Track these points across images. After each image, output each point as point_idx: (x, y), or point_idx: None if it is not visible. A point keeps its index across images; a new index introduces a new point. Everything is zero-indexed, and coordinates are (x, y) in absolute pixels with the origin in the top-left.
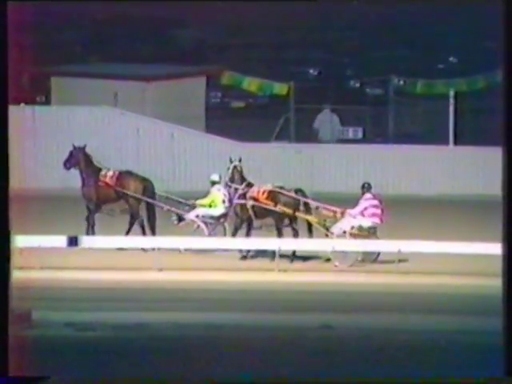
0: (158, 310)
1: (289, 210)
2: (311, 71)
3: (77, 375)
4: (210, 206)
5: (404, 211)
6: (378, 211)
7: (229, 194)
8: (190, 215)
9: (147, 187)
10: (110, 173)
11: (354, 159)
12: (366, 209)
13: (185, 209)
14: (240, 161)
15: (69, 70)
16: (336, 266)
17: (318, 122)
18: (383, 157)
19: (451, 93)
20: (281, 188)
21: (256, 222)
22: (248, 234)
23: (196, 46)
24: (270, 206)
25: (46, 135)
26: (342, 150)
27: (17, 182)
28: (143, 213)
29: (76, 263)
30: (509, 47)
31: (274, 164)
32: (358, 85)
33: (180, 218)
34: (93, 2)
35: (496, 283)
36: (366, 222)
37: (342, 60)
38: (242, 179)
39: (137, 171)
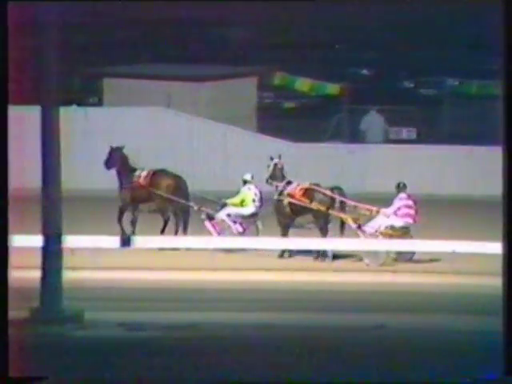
0: (209, 309)
1: (323, 208)
2: (364, 71)
3: (129, 375)
4: (241, 204)
5: (460, 212)
6: (412, 211)
7: (260, 192)
8: (221, 214)
9: (179, 185)
10: (144, 173)
11: (407, 160)
12: (399, 208)
13: (216, 208)
14: (280, 158)
15: (122, 71)
16: (367, 264)
17: (364, 123)
18: (436, 157)
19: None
20: (317, 185)
21: (296, 221)
22: (284, 233)
23: (248, 47)
24: (306, 203)
25: (98, 136)
26: (395, 150)
27: (69, 183)
28: (178, 212)
29: (128, 263)
30: (509, 47)
31: (326, 164)
32: (411, 85)
33: (210, 217)
34: (146, 3)
35: None
36: (398, 222)
37: (396, 60)
38: (283, 177)
39: (190, 171)
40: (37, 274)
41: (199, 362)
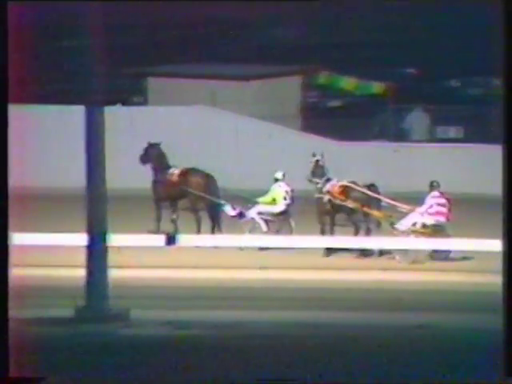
0: (254, 308)
1: (358, 205)
2: (409, 70)
3: (174, 374)
4: (272, 203)
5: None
6: (444, 209)
7: (291, 190)
8: (252, 212)
9: (208, 183)
10: (177, 171)
11: (453, 158)
12: (431, 206)
13: (248, 206)
14: (322, 155)
15: (166, 71)
16: (398, 262)
17: (409, 121)
18: (483, 156)
19: None
20: (354, 183)
21: (335, 218)
22: (324, 230)
23: (293, 46)
24: (342, 200)
25: (143, 135)
26: (440, 149)
27: (113, 182)
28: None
29: (174, 262)
30: (509, 47)
31: (370, 163)
32: (458, 84)
33: (241, 215)
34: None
35: None
36: (430, 220)
37: (441, 59)
38: (323, 174)
39: (235, 171)
40: (82, 273)
41: (245, 360)
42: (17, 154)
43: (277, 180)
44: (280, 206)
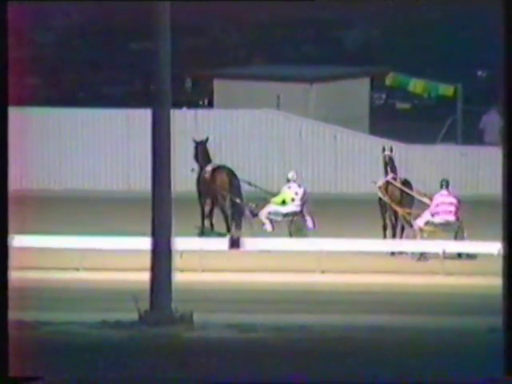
0: (319, 311)
1: (391, 201)
2: (480, 72)
3: (241, 378)
4: (282, 203)
5: None
6: (452, 208)
7: (303, 191)
8: (263, 212)
9: (232, 181)
10: (209, 167)
11: None
12: (437, 205)
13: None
14: (392, 150)
15: (231, 73)
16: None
17: (483, 122)
18: None
19: None
20: (394, 179)
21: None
22: (384, 230)
23: (361, 47)
24: (384, 196)
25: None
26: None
27: (178, 185)
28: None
29: (237, 265)
30: (509, 46)
31: (438, 166)
32: None
33: (254, 214)
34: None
35: None
36: (436, 218)
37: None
38: (392, 169)
39: (299, 173)
40: (146, 276)
41: (309, 363)
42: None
43: (288, 180)
44: (288, 207)
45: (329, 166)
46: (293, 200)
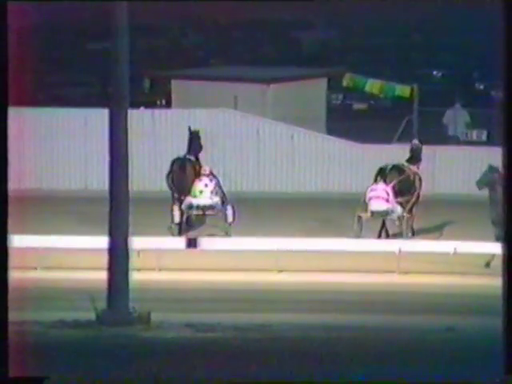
0: (277, 311)
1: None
2: (435, 73)
3: (197, 376)
4: (194, 196)
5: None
6: (384, 195)
7: (215, 185)
8: (184, 205)
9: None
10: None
11: (476, 161)
12: (371, 191)
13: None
14: (419, 140)
15: (189, 73)
16: None
17: (447, 117)
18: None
19: None
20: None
21: None
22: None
23: (318, 48)
24: None
25: (165, 138)
26: (465, 151)
27: (135, 184)
28: None
29: (195, 265)
30: (509, 48)
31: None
32: (482, 87)
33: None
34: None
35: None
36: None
37: (468, 62)
38: (418, 159)
39: (256, 173)
40: (103, 276)
41: (268, 362)
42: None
43: (201, 174)
44: (199, 200)
45: (286, 166)
46: (201, 192)
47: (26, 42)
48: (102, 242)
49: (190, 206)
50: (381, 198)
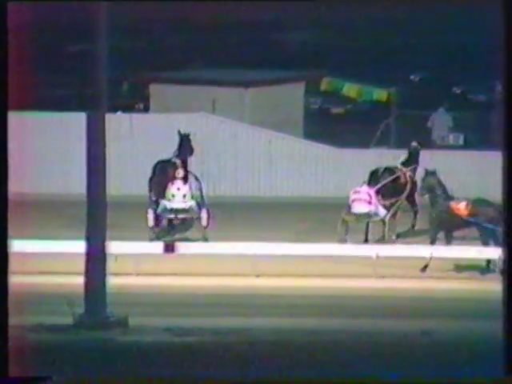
0: (255, 315)
1: None
2: (412, 77)
3: (176, 379)
4: (168, 199)
5: None
6: (366, 197)
7: (189, 189)
8: (158, 208)
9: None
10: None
11: (453, 165)
12: (354, 193)
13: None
14: (418, 144)
15: (167, 77)
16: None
17: (431, 120)
18: (483, 163)
19: None
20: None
21: None
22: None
23: (296, 52)
24: None
25: (143, 142)
26: (443, 156)
27: (113, 188)
28: None
29: (173, 269)
30: (509, 48)
31: (370, 170)
32: (460, 91)
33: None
34: (192, 7)
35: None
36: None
37: (445, 65)
38: (416, 161)
39: (234, 177)
40: (80, 280)
41: (245, 366)
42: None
43: (175, 178)
44: (172, 204)
45: (263, 170)
46: (173, 196)
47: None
48: (80, 246)
49: (164, 210)
50: (363, 200)
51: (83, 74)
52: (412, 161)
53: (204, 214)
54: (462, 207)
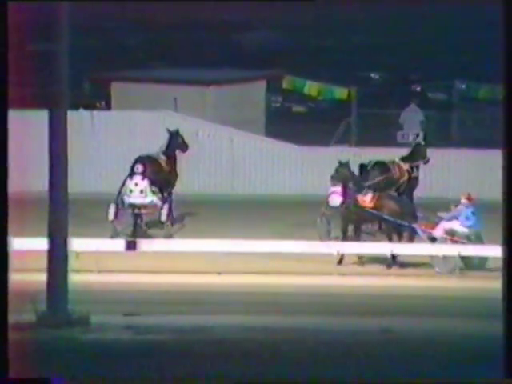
0: (216, 312)
1: None
2: (372, 75)
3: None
4: (127, 194)
5: None
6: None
7: (143, 184)
8: (120, 204)
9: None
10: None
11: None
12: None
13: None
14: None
15: (129, 75)
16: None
17: (402, 117)
18: (442, 161)
19: None
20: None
21: None
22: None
23: (257, 50)
24: None
25: (105, 140)
26: (400, 153)
27: (76, 186)
28: None
29: (134, 267)
30: (509, 48)
31: (332, 167)
32: (419, 89)
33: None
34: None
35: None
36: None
37: (405, 64)
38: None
39: (196, 175)
40: (43, 278)
41: (207, 364)
42: None
43: (134, 173)
44: (130, 198)
45: (225, 168)
46: (131, 191)
47: None
48: (42, 243)
49: (124, 204)
50: (337, 193)
51: (45, 72)
52: (414, 156)
53: (164, 210)
54: (367, 199)
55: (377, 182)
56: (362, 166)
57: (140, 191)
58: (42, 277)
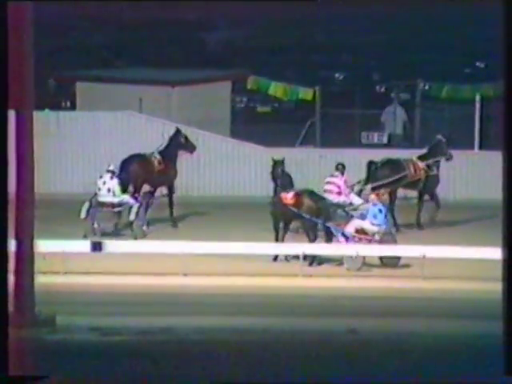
0: (183, 314)
1: None
2: (337, 75)
3: (103, 379)
4: (97, 192)
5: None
6: (334, 188)
7: (120, 183)
8: (93, 202)
9: None
10: None
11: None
12: (325, 184)
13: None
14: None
15: (94, 75)
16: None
17: (384, 115)
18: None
19: (477, 98)
20: None
21: None
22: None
23: (221, 50)
24: None
25: (70, 141)
26: (365, 154)
27: (41, 187)
28: None
29: (101, 268)
30: (509, 48)
31: (298, 168)
32: (383, 89)
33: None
34: (118, 6)
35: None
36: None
37: (369, 64)
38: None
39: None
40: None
41: (173, 365)
42: None
43: (107, 172)
44: (101, 197)
45: (190, 169)
46: (99, 190)
47: None
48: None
49: (95, 203)
50: (331, 191)
51: (10, 72)
52: (432, 154)
53: (134, 209)
54: (288, 197)
55: (386, 180)
56: (371, 164)
57: (107, 190)
58: (9, 277)
